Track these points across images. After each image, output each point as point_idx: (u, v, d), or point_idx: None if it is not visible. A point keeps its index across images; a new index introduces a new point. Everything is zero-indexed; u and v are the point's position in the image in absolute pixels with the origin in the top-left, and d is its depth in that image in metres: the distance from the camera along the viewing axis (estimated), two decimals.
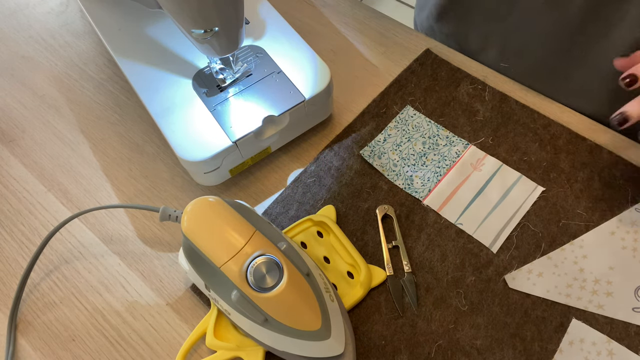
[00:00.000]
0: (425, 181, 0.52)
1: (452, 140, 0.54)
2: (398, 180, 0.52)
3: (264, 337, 0.41)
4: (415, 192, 0.51)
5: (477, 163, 0.52)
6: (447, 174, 0.52)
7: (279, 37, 0.55)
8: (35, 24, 0.67)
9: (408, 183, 0.52)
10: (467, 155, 0.53)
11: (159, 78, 0.53)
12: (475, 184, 0.51)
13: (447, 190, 0.51)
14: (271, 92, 0.52)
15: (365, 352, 0.45)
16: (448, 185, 0.51)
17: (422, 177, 0.52)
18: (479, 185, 0.51)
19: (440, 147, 0.54)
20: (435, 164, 0.53)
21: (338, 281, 0.47)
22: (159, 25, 0.57)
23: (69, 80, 0.62)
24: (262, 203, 0.53)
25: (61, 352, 0.46)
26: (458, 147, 0.54)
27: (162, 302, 0.48)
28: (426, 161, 0.53)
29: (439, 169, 0.52)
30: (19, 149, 0.58)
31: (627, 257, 0.47)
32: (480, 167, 0.52)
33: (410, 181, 0.52)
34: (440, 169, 0.52)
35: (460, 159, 0.53)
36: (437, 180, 0.52)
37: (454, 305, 0.46)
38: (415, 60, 0.60)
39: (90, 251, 0.51)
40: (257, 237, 0.40)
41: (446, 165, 0.52)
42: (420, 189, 0.51)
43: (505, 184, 0.51)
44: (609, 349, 0.43)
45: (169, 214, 0.45)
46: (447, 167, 0.52)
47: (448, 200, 0.51)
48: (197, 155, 0.48)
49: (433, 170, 0.52)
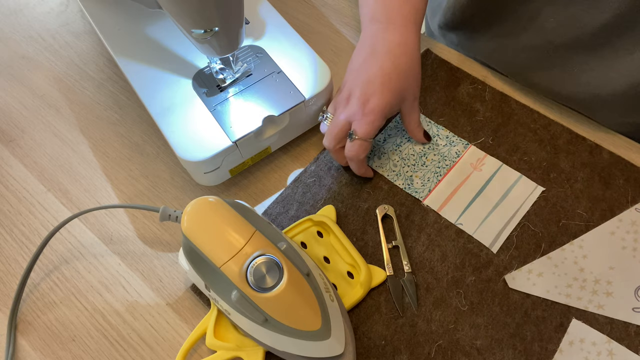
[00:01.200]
0: (425, 181, 0.52)
1: (452, 140, 0.54)
2: (398, 181, 0.52)
3: (264, 337, 0.41)
4: (416, 192, 0.51)
5: (477, 163, 0.52)
6: (447, 174, 0.52)
7: (279, 37, 0.55)
8: (35, 24, 0.67)
9: (408, 183, 0.52)
10: (467, 155, 0.53)
11: (159, 78, 0.53)
12: (476, 184, 0.51)
13: (447, 190, 0.51)
14: (271, 92, 0.52)
15: (365, 352, 0.44)
16: (448, 186, 0.51)
17: (422, 177, 0.52)
18: (479, 185, 0.51)
19: (440, 147, 0.54)
20: (435, 164, 0.53)
21: (338, 281, 0.47)
22: (159, 25, 0.57)
23: (69, 80, 0.62)
24: (262, 203, 0.53)
25: (61, 352, 0.46)
26: (458, 147, 0.54)
27: (162, 302, 0.48)
28: (426, 161, 0.53)
29: (439, 169, 0.52)
30: (19, 149, 0.58)
31: (627, 257, 0.47)
32: (480, 167, 0.52)
33: (410, 181, 0.52)
34: (440, 169, 0.52)
35: (460, 159, 0.53)
36: (437, 180, 0.52)
37: (454, 305, 0.46)
38: None
39: (90, 251, 0.51)
40: (257, 237, 0.40)
41: (446, 166, 0.52)
42: (420, 189, 0.51)
43: (506, 184, 0.51)
44: (609, 349, 0.43)
45: (169, 214, 0.45)
46: (447, 167, 0.52)
47: (448, 200, 0.51)
48: (197, 155, 0.48)
49: (433, 170, 0.52)
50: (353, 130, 0.48)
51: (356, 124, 0.48)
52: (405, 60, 0.50)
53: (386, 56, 0.49)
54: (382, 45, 0.50)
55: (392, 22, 0.51)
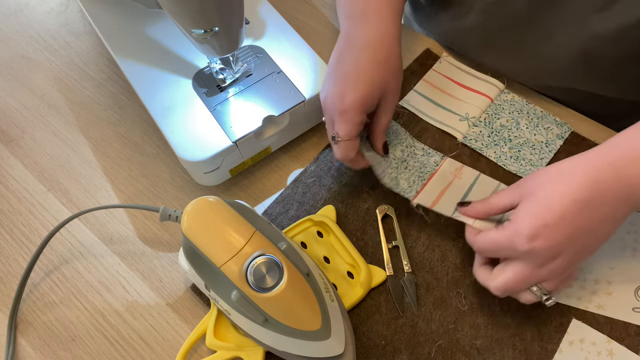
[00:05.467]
0: (411, 183, 0.50)
1: (428, 152, 0.53)
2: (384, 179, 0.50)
3: (264, 337, 0.41)
4: (404, 192, 0.49)
5: (457, 172, 0.51)
6: (432, 178, 0.50)
7: (279, 37, 0.55)
8: (35, 24, 0.67)
9: (395, 183, 0.50)
10: (446, 165, 0.52)
11: (159, 78, 0.53)
12: (459, 191, 0.50)
13: (435, 192, 0.49)
14: (271, 92, 0.52)
15: (365, 352, 0.44)
16: (435, 188, 0.50)
17: (407, 179, 0.50)
18: (462, 192, 0.50)
19: (419, 157, 0.52)
20: (417, 169, 0.51)
21: (338, 281, 0.47)
22: (159, 25, 0.57)
23: (69, 80, 0.62)
24: (262, 203, 0.53)
25: (61, 352, 0.46)
26: (435, 158, 0.52)
27: (162, 302, 0.48)
28: (408, 166, 0.51)
29: (422, 174, 0.51)
30: (19, 149, 0.58)
31: (627, 257, 0.47)
32: (460, 175, 0.51)
33: (396, 181, 0.50)
34: (423, 174, 0.51)
35: (439, 169, 0.51)
36: (422, 183, 0.50)
37: (454, 305, 0.46)
38: (415, 60, 0.60)
39: (90, 251, 0.51)
40: (257, 237, 0.40)
41: (428, 172, 0.51)
42: (407, 189, 0.49)
43: (487, 192, 0.50)
44: (609, 349, 0.43)
45: (169, 214, 0.45)
46: (429, 172, 0.51)
47: (439, 199, 0.49)
48: (197, 155, 0.48)
49: (417, 174, 0.50)
50: (335, 133, 0.46)
51: (336, 126, 0.46)
52: (382, 53, 0.47)
53: (361, 50, 0.47)
54: (357, 39, 0.48)
55: (367, 15, 0.49)
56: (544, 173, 0.40)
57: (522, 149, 0.53)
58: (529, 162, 0.52)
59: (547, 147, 0.52)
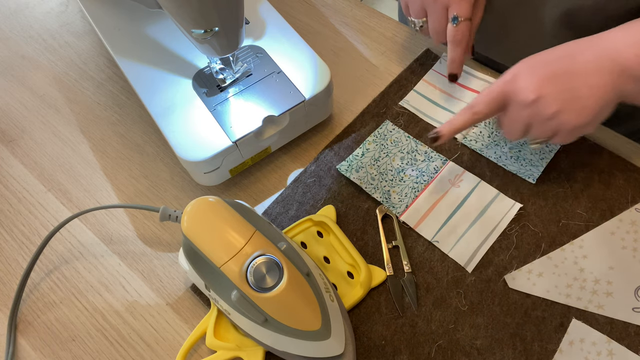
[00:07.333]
0: (402, 197, 0.50)
1: (430, 156, 0.53)
2: (375, 194, 0.51)
3: (264, 337, 0.41)
4: (393, 207, 0.50)
5: (456, 179, 0.52)
6: (425, 189, 0.51)
7: (279, 37, 0.55)
8: (35, 24, 0.67)
9: (386, 197, 0.51)
10: (446, 171, 0.52)
11: (159, 78, 0.53)
12: (453, 201, 0.50)
13: (424, 207, 0.50)
14: (271, 92, 0.52)
15: (365, 352, 0.45)
16: (425, 202, 0.50)
17: (399, 192, 0.51)
18: (457, 202, 0.50)
19: (419, 163, 0.53)
20: (413, 179, 0.51)
21: (338, 281, 0.47)
22: (159, 25, 0.57)
23: (69, 80, 0.62)
24: (262, 203, 0.53)
25: (61, 352, 0.46)
26: (436, 163, 0.53)
27: (162, 302, 0.48)
28: (404, 177, 0.52)
29: (417, 185, 0.51)
30: (19, 149, 0.58)
31: (627, 257, 0.47)
32: (458, 183, 0.51)
33: (387, 195, 0.51)
34: (418, 185, 0.51)
35: (438, 175, 0.52)
36: (414, 196, 0.50)
37: (454, 305, 0.46)
38: (415, 60, 0.60)
39: (90, 251, 0.51)
40: (257, 237, 0.40)
41: (424, 181, 0.51)
42: (397, 204, 0.50)
43: (483, 201, 0.50)
44: (609, 349, 0.43)
45: (169, 214, 0.45)
46: (425, 182, 0.51)
47: (425, 216, 0.49)
48: (197, 155, 0.48)
49: (411, 185, 0.51)
50: (456, 14, 0.50)
51: (455, 8, 0.49)
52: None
53: None
54: None
55: None
56: None
57: (523, 149, 0.53)
58: (529, 162, 0.52)
59: (547, 147, 0.52)
